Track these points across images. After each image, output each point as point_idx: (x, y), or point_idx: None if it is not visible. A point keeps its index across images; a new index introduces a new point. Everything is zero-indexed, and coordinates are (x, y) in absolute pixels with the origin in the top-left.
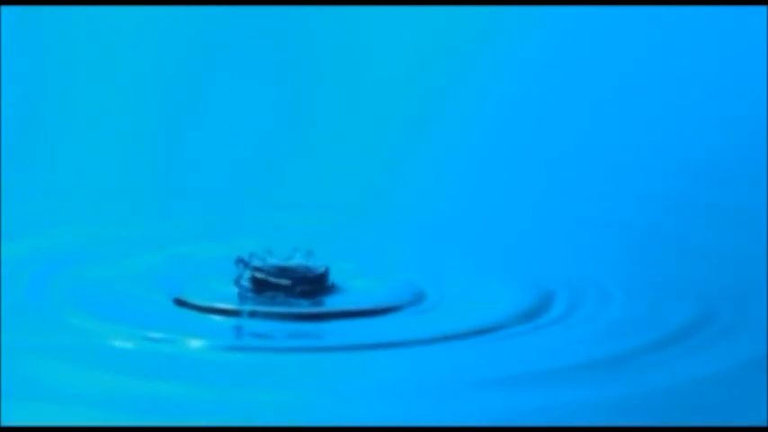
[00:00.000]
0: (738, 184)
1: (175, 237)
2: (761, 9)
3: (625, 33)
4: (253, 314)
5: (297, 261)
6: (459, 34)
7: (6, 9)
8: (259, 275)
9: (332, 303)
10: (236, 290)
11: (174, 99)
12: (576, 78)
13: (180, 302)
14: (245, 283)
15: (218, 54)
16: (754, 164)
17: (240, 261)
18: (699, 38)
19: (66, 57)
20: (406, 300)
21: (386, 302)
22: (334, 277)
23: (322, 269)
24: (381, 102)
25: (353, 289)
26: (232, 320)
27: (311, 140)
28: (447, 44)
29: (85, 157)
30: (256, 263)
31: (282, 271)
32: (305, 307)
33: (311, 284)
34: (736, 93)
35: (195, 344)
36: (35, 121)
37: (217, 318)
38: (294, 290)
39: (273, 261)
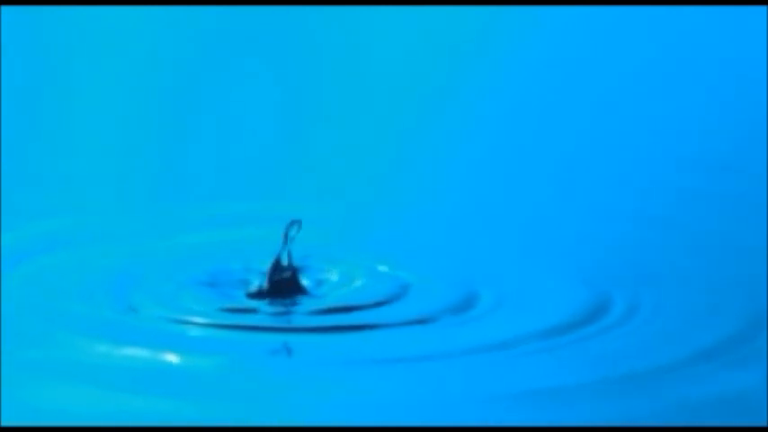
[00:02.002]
0: None
1: (180, 227)
2: (761, 9)
3: (628, 33)
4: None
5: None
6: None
7: (6, 9)
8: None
9: (379, 314)
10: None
11: (173, 99)
12: (598, 72)
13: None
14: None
15: (217, 53)
16: None
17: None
18: (699, 38)
19: (66, 57)
20: (463, 304)
21: (437, 309)
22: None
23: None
24: (388, 100)
25: (404, 295)
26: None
27: (315, 139)
28: (454, 42)
29: (84, 157)
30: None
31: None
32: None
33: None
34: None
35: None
36: (33, 121)
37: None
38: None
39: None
